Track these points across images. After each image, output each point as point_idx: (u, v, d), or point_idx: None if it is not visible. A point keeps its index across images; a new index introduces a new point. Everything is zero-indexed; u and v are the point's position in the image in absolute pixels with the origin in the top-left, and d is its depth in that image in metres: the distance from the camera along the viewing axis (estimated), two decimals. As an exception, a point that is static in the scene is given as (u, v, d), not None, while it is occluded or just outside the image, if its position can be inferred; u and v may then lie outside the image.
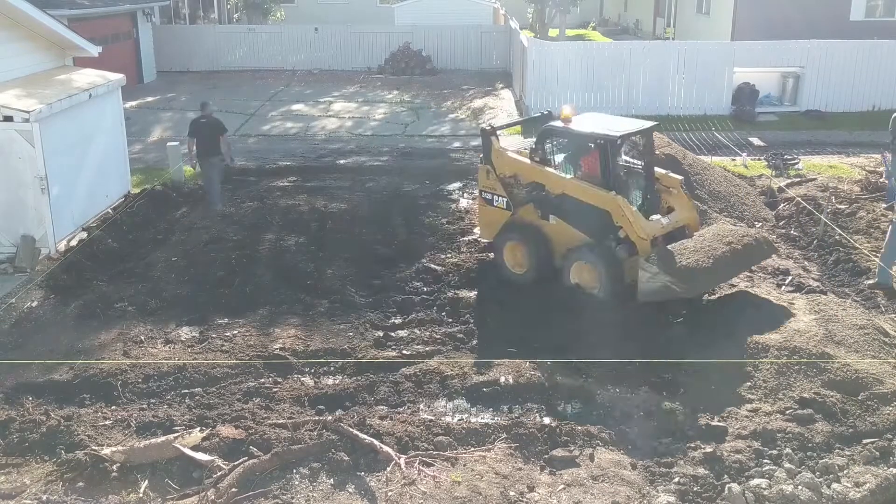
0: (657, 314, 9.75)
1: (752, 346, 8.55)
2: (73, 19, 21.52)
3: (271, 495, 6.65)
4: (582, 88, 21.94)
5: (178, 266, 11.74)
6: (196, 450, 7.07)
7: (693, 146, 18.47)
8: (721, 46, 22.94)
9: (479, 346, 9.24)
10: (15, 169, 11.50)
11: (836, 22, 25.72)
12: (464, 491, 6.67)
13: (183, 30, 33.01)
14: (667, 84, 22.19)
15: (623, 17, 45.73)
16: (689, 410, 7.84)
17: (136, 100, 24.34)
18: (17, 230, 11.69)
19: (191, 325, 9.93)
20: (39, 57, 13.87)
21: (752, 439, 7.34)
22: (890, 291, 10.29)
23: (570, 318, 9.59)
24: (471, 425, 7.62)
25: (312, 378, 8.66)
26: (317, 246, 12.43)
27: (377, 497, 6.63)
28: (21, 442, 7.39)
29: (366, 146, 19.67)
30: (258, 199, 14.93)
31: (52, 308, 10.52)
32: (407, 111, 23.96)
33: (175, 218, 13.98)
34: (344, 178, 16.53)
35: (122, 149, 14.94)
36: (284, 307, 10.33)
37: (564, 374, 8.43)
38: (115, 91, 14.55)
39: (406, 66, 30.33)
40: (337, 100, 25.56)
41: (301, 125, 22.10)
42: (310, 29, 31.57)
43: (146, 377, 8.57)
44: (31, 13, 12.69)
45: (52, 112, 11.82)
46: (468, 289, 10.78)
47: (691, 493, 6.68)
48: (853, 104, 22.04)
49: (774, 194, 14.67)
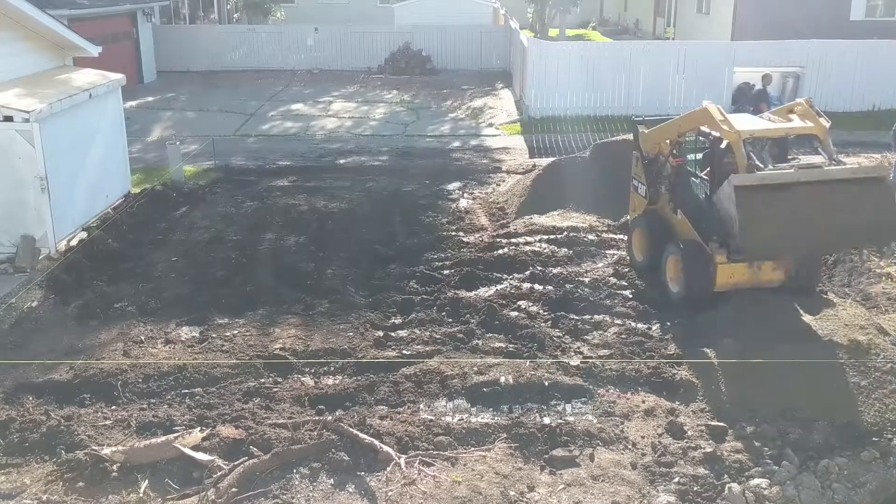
0: (659, 314, 9.78)
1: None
2: (73, 19, 21.54)
3: (271, 495, 6.65)
4: (582, 88, 21.94)
5: (178, 266, 11.76)
6: (196, 450, 7.07)
7: (693, 146, 18.44)
8: (721, 46, 22.95)
9: (479, 346, 9.23)
10: (15, 169, 11.49)
11: (836, 22, 25.73)
12: (464, 491, 6.67)
13: (183, 30, 33.03)
14: (667, 84, 22.19)
15: (623, 17, 45.74)
16: (690, 410, 7.84)
17: (135, 99, 24.36)
18: (17, 230, 11.68)
19: (191, 325, 9.93)
20: (39, 57, 13.87)
21: (752, 439, 7.35)
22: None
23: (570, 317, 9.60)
24: (471, 425, 7.62)
25: (312, 378, 8.65)
26: (317, 246, 12.44)
27: (377, 497, 6.63)
28: (21, 442, 7.39)
29: (366, 146, 19.67)
30: (258, 199, 14.94)
31: (52, 308, 10.52)
32: (407, 111, 23.96)
33: (175, 218, 13.99)
34: (344, 178, 16.53)
35: (122, 149, 14.94)
36: (284, 307, 10.33)
37: (564, 374, 8.43)
38: (115, 91, 14.54)
39: (406, 66, 30.34)
40: (337, 100, 25.58)
41: (301, 125, 22.10)
42: (310, 29, 31.59)
43: (146, 377, 8.57)
44: (31, 13, 12.69)
45: (52, 112, 11.81)
46: (468, 289, 10.78)
47: (691, 493, 6.68)
48: (853, 104, 22.04)
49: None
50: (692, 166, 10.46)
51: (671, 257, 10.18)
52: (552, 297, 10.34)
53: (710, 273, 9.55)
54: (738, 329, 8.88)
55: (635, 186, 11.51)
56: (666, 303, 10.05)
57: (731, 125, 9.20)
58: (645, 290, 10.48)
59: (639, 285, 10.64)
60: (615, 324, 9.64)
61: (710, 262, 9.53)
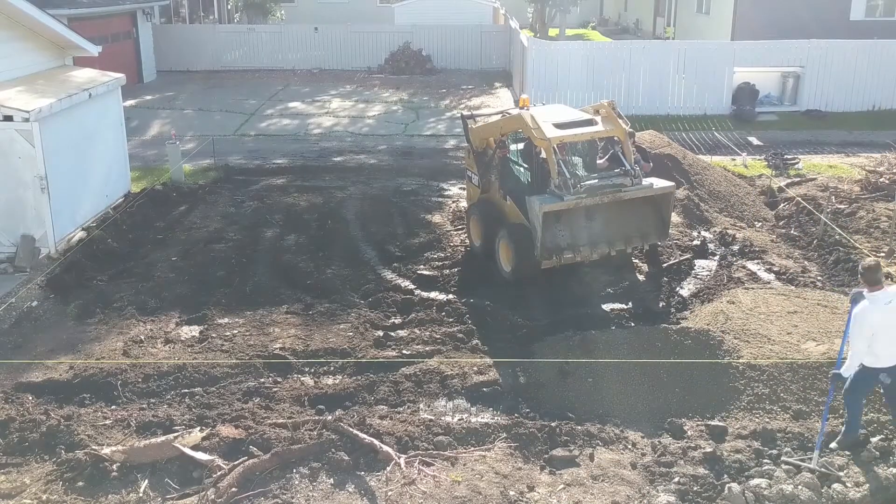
0: (662, 314, 9.79)
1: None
2: (73, 19, 21.53)
3: (271, 495, 6.65)
4: (582, 88, 21.94)
5: (178, 266, 11.75)
6: (196, 449, 7.06)
7: (693, 146, 18.48)
8: (721, 46, 22.96)
9: (479, 346, 9.23)
10: (15, 168, 11.50)
11: (836, 21, 25.73)
12: (464, 490, 6.67)
13: (183, 29, 33.01)
14: (667, 84, 22.21)
15: (623, 17, 45.72)
16: (690, 410, 7.84)
17: (135, 98, 24.37)
18: (17, 230, 11.69)
19: (191, 325, 9.93)
20: (39, 56, 13.86)
21: (752, 439, 7.35)
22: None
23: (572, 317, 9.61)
24: (471, 425, 7.62)
25: (312, 378, 8.66)
26: (316, 245, 12.45)
27: (377, 497, 6.63)
28: (21, 442, 7.38)
29: (365, 145, 19.67)
30: (258, 198, 14.94)
31: (52, 308, 10.52)
32: (407, 110, 23.96)
33: (175, 217, 13.98)
34: (344, 177, 16.53)
35: (122, 148, 14.93)
36: (284, 307, 10.33)
37: (564, 374, 8.43)
38: (115, 90, 14.53)
39: (406, 65, 30.35)
40: (336, 99, 25.56)
41: (300, 125, 22.09)
42: (310, 29, 31.58)
43: (146, 377, 8.57)
44: (31, 13, 12.68)
45: (52, 111, 11.81)
46: (468, 289, 10.77)
47: (691, 493, 6.68)
48: (853, 104, 22.06)
49: (774, 194, 14.67)
50: (515, 156, 11.58)
51: (502, 241, 10.86)
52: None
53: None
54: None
55: (469, 177, 12.48)
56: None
57: (542, 133, 10.13)
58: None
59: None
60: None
61: (535, 244, 10.26)
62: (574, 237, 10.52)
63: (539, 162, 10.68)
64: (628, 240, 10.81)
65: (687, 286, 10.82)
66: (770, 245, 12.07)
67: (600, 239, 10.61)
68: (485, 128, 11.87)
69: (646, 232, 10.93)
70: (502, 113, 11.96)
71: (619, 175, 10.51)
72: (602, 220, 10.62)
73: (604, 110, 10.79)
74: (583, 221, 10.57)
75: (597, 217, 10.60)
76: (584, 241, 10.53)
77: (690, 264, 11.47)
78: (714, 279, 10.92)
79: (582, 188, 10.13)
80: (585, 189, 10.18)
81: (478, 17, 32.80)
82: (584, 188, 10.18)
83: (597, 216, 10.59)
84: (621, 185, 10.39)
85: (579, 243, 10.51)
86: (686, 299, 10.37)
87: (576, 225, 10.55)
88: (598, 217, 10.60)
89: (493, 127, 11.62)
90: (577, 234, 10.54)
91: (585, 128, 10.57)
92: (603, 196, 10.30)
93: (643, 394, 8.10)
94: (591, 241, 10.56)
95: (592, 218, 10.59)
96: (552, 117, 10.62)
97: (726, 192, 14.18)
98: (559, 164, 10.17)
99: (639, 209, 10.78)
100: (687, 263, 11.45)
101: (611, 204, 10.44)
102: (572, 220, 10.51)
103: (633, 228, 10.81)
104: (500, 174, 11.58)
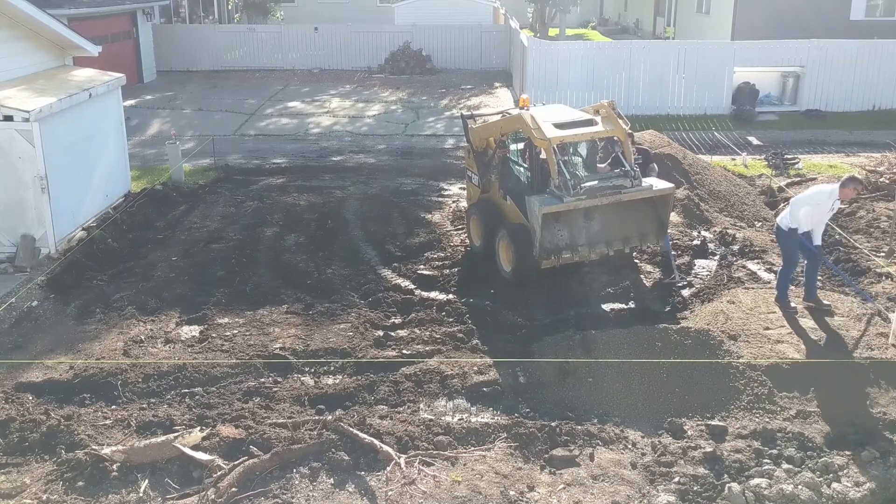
0: (664, 313, 9.78)
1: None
2: (73, 19, 21.53)
3: (271, 495, 6.65)
4: (582, 88, 21.94)
5: (178, 265, 11.75)
6: (196, 449, 7.06)
7: (693, 146, 18.48)
8: (721, 46, 22.95)
9: (479, 346, 9.23)
10: (15, 168, 11.49)
11: (836, 21, 25.75)
12: (464, 490, 6.67)
13: (183, 29, 33.02)
14: (667, 83, 22.21)
15: (623, 17, 45.73)
16: (690, 410, 7.84)
17: (135, 98, 24.36)
18: (17, 230, 11.69)
19: (191, 325, 9.93)
20: (39, 56, 13.86)
21: (751, 439, 7.35)
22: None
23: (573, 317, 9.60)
24: (471, 425, 7.62)
25: (312, 378, 8.65)
26: (317, 245, 12.44)
27: (377, 497, 6.63)
28: (21, 442, 7.38)
29: (365, 145, 19.67)
30: (258, 198, 14.94)
31: (52, 308, 10.52)
32: (406, 110, 23.96)
33: (175, 217, 13.98)
34: (344, 177, 16.53)
35: (122, 148, 14.93)
36: (284, 307, 10.33)
37: (563, 373, 8.43)
38: (115, 90, 14.53)
39: (406, 65, 30.35)
40: (336, 99, 25.57)
41: (300, 124, 22.09)
42: (309, 28, 31.59)
43: (146, 377, 8.57)
44: (31, 13, 12.68)
45: (52, 111, 11.81)
46: (468, 288, 10.78)
47: (691, 492, 6.68)
48: (853, 104, 22.07)
49: (774, 194, 14.66)
50: (516, 156, 11.56)
51: (502, 241, 10.84)
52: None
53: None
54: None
55: (469, 177, 12.50)
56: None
57: (542, 133, 10.12)
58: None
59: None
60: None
61: (534, 244, 10.27)
62: (572, 237, 10.56)
63: (539, 162, 10.71)
64: (627, 240, 10.83)
65: (687, 286, 10.82)
66: (770, 245, 12.05)
67: (599, 239, 10.64)
68: (485, 128, 11.89)
69: (644, 233, 10.94)
70: (502, 113, 11.95)
71: (619, 176, 10.52)
72: (601, 220, 10.64)
73: (604, 110, 10.79)
74: (581, 221, 10.60)
75: (595, 217, 10.61)
76: (582, 241, 10.57)
77: (690, 264, 11.48)
78: (714, 279, 10.92)
79: (582, 189, 10.14)
80: (585, 190, 10.19)
81: (478, 17, 32.80)
82: (584, 189, 10.19)
83: (595, 216, 10.61)
84: (621, 186, 10.40)
85: (578, 243, 10.54)
86: (686, 299, 10.37)
87: (574, 225, 10.57)
88: (596, 217, 10.61)
89: (493, 127, 11.63)
90: (575, 234, 10.57)
91: (585, 128, 10.58)
92: (602, 197, 10.32)
93: (643, 393, 8.10)
94: (589, 241, 10.60)
95: (591, 218, 10.61)
96: (552, 117, 10.63)
97: (726, 191, 14.18)
98: (559, 165, 10.19)
99: (638, 210, 10.79)
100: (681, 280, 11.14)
101: (610, 204, 10.46)
102: (571, 220, 10.54)
103: (631, 229, 10.82)
104: (500, 174, 11.61)
